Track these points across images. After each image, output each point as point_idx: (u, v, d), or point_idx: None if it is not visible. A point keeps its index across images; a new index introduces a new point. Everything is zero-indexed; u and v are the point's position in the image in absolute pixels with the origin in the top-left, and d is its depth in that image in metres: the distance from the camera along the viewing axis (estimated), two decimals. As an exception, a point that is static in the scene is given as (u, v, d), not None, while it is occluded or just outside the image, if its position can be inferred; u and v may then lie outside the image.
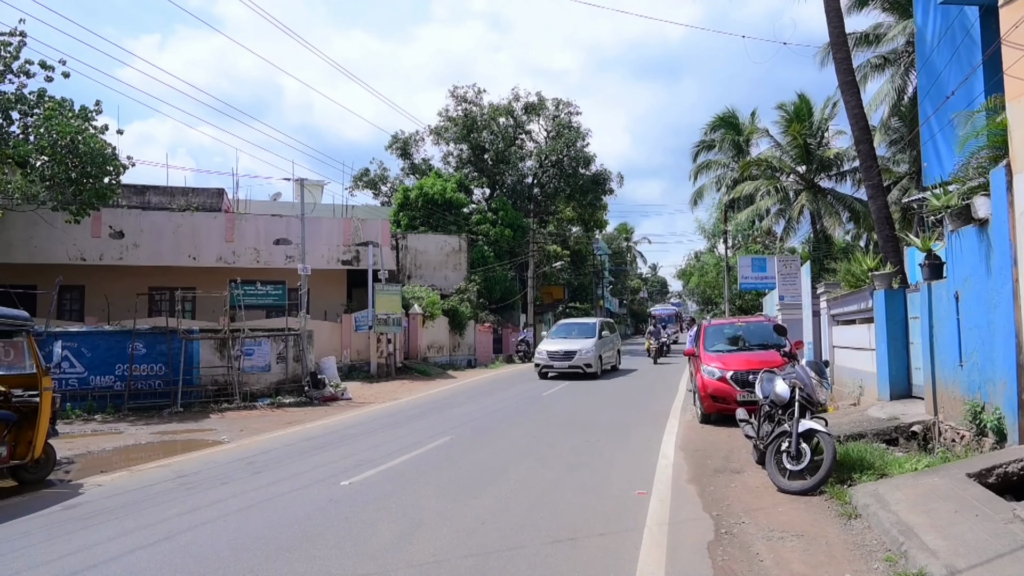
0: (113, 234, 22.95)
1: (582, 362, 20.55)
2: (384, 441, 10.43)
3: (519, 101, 42.65)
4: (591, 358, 20.72)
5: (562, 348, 21.00)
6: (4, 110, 18.04)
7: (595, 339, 21.51)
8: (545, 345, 21.84)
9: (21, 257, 21.53)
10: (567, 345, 21.11)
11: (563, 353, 20.84)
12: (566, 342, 21.44)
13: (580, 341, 21.37)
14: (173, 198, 26.80)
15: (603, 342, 22.07)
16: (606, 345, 22.51)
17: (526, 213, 40.46)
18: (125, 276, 22.82)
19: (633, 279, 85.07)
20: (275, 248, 24.54)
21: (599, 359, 21.26)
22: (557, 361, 20.84)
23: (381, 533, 5.55)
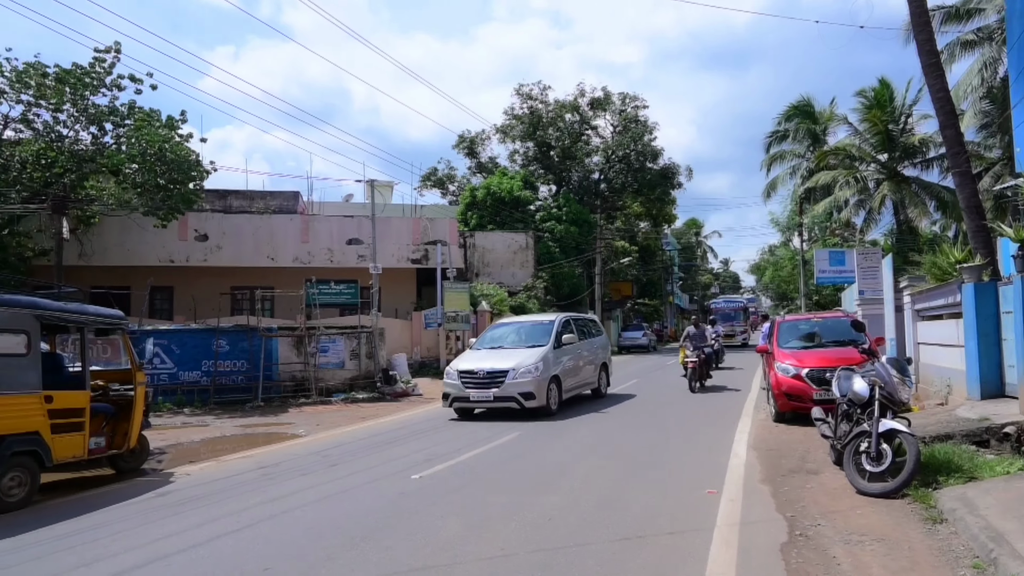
0: (198, 237, 24.15)
1: (516, 390, 12.07)
2: (453, 436, 10.61)
3: (584, 96, 42.40)
4: (533, 382, 12.12)
5: (484, 366, 12.46)
6: (99, 122, 19.27)
7: (545, 349, 12.83)
8: (460, 361, 13.29)
9: (116, 260, 22.94)
10: (493, 361, 12.61)
11: (485, 375, 12.33)
12: (494, 355, 13.07)
13: (518, 353, 12.83)
14: (252, 201, 27.99)
15: (562, 353, 13.33)
16: (570, 357, 13.64)
17: (592, 209, 40.21)
18: (209, 276, 23.98)
19: (704, 274, 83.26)
20: (347, 248, 25.27)
21: (552, 383, 12.53)
22: (476, 388, 12.35)
23: (450, 526, 5.67)
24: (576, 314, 17.43)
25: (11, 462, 6.65)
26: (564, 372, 13.19)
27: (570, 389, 13.55)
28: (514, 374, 12.21)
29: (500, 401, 12.24)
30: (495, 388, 12.21)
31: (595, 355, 15.15)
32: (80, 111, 19.13)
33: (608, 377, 15.79)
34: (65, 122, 19.18)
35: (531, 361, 12.42)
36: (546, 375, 12.42)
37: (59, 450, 7.17)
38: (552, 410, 12.44)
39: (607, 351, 16.05)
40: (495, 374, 12.33)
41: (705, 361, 16.11)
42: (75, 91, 18.68)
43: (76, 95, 18.79)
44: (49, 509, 6.83)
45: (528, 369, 12.28)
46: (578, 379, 14.04)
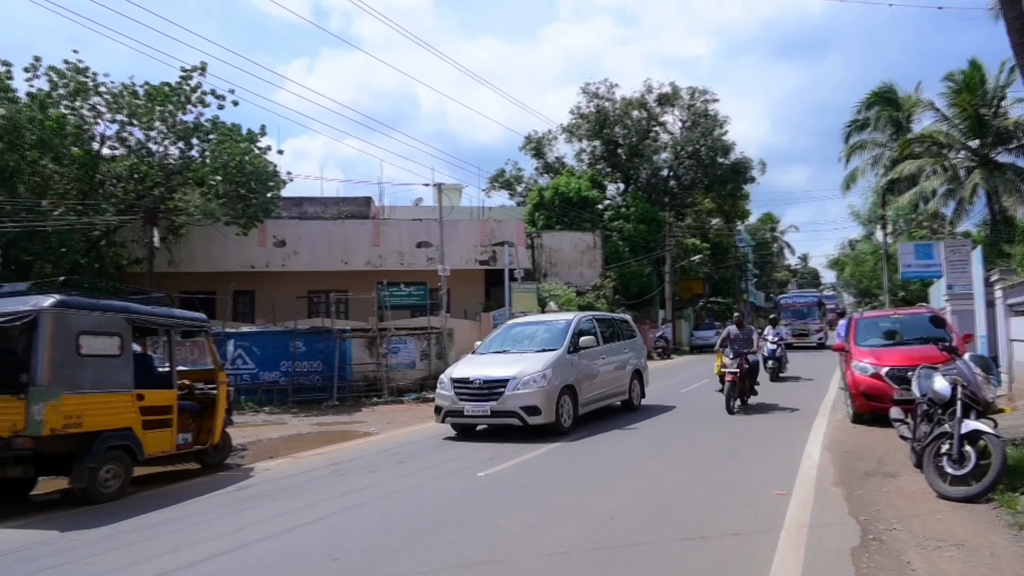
0: (276, 243, 25.20)
1: (517, 403, 9.96)
2: (519, 435, 10.70)
3: (652, 93, 41.82)
4: (539, 393, 10.00)
5: (480, 374, 10.43)
6: (186, 138, 20.45)
7: (556, 353, 10.70)
8: (457, 367, 11.31)
9: (201, 266, 24.20)
10: (493, 368, 10.56)
11: (482, 384, 10.28)
12: (497, 361, 10.93)
13: (524, 358, 10.70)
14: (326, 208, 28.97)
15: (581, 358, 11.16)
16: (591, 363, 11.48)
17: (661, 207, 39.61)
18: (287, 281, 24.97)
19: (780, 271, 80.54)
20: (417, 251, 25.81)
21: (565, 395, 10.45)
22: (471, 401, 10.28)
23: (513, 523, 5.75)
24: (603, 313, 15.66)
25: (107, 456, 7.16)
26: (582, 381, 10.99)
27: (591, 401, 11.36)
28: (515, 384, 10.02)
29: (499, 417, 10.06)
30: (492, 401, 10.02)
31: (625, 361, 12.82)
32: (169, 128, 20.34)
33: (643, 387, 13.44)
34: (155, 138, 20.43)
35: (536, 368, 10.21)
36: (556, 385, 10.22)
37: (150, 445, 7.66)
38: (564, 427, 10.30)
39: (642, 356, 13.76)
40: (493, 384, 10.13)
41: (749, 372, 12.40)
42: (164, 109, 19.87)
43: (165, 113, 19.99)
44: (141, 500, 7.31)
45: (533, 378, 10.05)
46: (602, 390, 11.83)
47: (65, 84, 19.66)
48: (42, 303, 6.84)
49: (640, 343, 14.09)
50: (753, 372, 12.58)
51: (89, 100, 20.02)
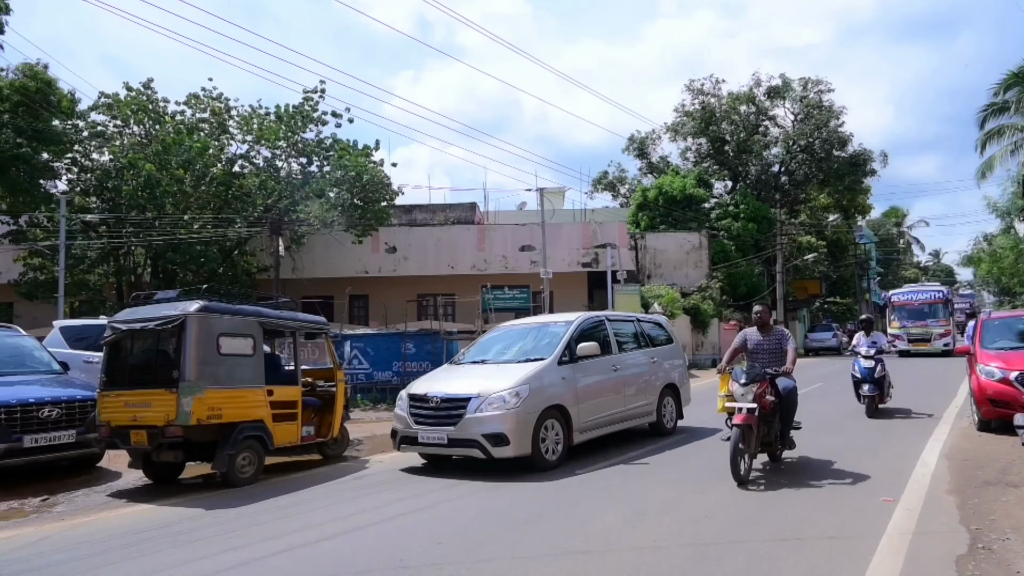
0: (388, 249, 26.54)
1: (479, 430, 7.71)
2: (626, 437, 10.82)
3: (760, 86, 40.40)
4: (505, 417, 7.67)
5: (440, 391, 8.24)
6: (307, 154, 22.09)
7: (541, 365, 8.33)
8: (417, 383, 8.95)
9: (320, 272, 25.89)
10: (456, 383, 8.39)
11: (439, 404, 8.08)
12: (471, 373, 8.75)
13: (502, 371, 8.44)
14: (434, 214, 30.16)
15: (578, 371, 8.69)
16: (596, 377, 9.01)
17: (772, 204, 38.16)
18: (398, 285, 26.24)
19: (908, 268, 75.12)
20: (520, 254, 26.37)
21: (550, 419, 8.10)
22: (426, 425, 8.09)
23: (607, 518, 5.96)
24: (623, 313, 12.31)
25: (243, 444, 7.99)
26: (581, 400, 8.52)
27: (595, 425, 8.83)
28: (477, 404, 7.71)
29: (457, 446, 7.83)
30: (451, 426, 7.77)
31: (652, 372, 10.11)
32: (291, 145, 22.03)
33: (679, 405, 10.73)
34: (280, 156, 22.18)
35: (506, 384, 7.82)
36: (534, 406, 7.80)
37: (278, 436, 8.47)
38: (549, 461, 7.93)
39: (678, 367, 10.98)
40: (453, 404, 7.89)
41: (779, 408, 7.43)
42: (288, 129, 21.55)
43: (289, 132, 21.67)
44: (271, 485, 8.10)
45: (500, 396, 7.70)
46: (614, 410, 9.19)
47: (203, 109, 21.72)
48: (189, 308, 7.75)
49: (678, 350, 11.29)
50: (787, 408, 7.53)
51: (223, 122, 22.02)
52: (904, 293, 31.87)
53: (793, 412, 7.68)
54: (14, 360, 9.65)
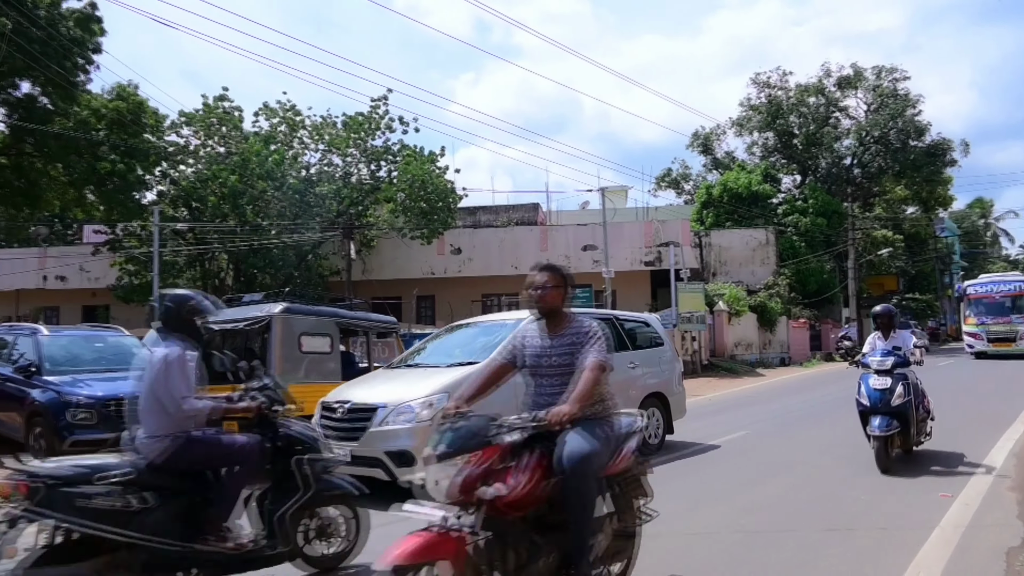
0: (453, 251, 27.27)
1: (383, 445, 6.47)
2: (682, 433, 11.02)
3: (830, 76, 39.27)
4: (413, 433, 6.37)
5: (350, 398, 7.11)
6: (376, 161, 23.05)
7: (470, 370, 6.48)
8: (337, 390, 7.61)
9: (388, 274, 26.85)
10: (371, 390, 7.27)
11: (345, 415, 6.93)
12: (394, 378, 7.66)
13: (420, 377, 7.24)
14: (497, 215, 30.75)
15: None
16: None
17: (844, 197, 37.06)
18: (463, 286, 26.92)
19: (996, 262, 71.15)
20: (583, 254, 26.62)
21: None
22: (334, 440, 6.25)
23: (664, 506, 6.24)
24: (600, 311, 10.87)
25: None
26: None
27: None
28: (383, 415, 6.60)
29: (361, 464, 6.36)
30: (354, 441, 6.62)
31: (630, 380, 8.58)
32: (362, 153, 23.02)
33: (668, 417, 9.31)
34: (351, 163, 23.21)
35: (419, 393, 6.65)
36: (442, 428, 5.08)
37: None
38: None
39: (667, 373, 9.59)
40: (360, 414, 6.82)
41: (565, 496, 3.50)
42: (358, 137, 22.54)
43: (359, 140, 22.66)
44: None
45: (410, 407, 6.56)
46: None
47: (279, 121, 22.95)
48: (274, 310, 8.47)
49: (668, 353, 9.87)
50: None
51: (297, 133, 23.21)
52: (982, 284, 27.41)
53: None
54: (119, 358, 10.63)
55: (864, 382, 7.39)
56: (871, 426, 7.17)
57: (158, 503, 3.72)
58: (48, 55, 19.27)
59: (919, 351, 7.61)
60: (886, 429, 7.04)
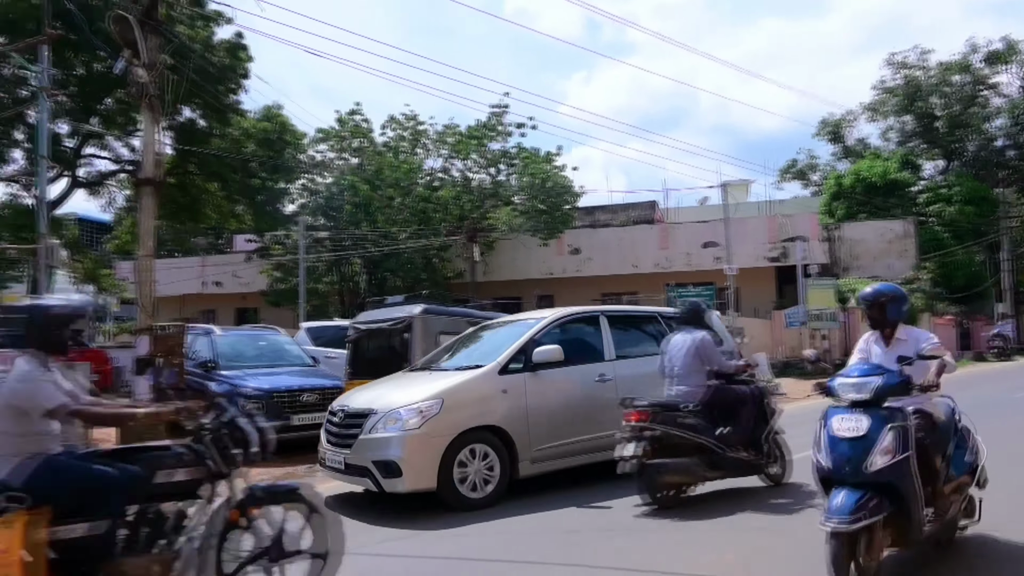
0: (571, 251, 27.66)
1: (371, 454, 6.23)
2: (808, 432, 10.79)
3: (977, 52, 36.11)
4: (399, 442, 6.10)
5: (349, 403, 6.92)
6: (495, 165, 23.88)
7: (471, 375, 6.71)
8: (347, 394, 7.77)
9: (507, 275, 27.65)
10: (372, 395, 6.90)
11: (343, 420, 6.72)
12: (404, 382, 7.20)
13: (424, 382, 6.84)
14: (615, 214, 30.82)
15: (523, 384, 6.70)
16: (554, 392, 6.89)
17: (995, 183, 33.98)
18: (582, 286, 27.24)
19: None
20: (704, 251, 26.19)
21: (476, 444, 6.37)
22: (331, 446, 6.74)
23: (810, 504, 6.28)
24: (638, 309, 9.79)
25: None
26: (534, 420, 6.69)
27: (565, 452, 6.91)
28: (373, 422, 6.32)
29: (352, 473, 6.46)
30: (347, 448, 6.47)
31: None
32: (482, 157, 23.93)
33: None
34: (471, 168, 24.19)
35: (413, 398, 6.37)
36: (443, 428, 6.20)
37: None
38: (469, 499, 6.25)
39: None
40: (354, 420, 6.57)
41: None
42: (477, 143, 23.48)
43: (479, 145, 23.60)
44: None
45: (398, 414, 6.24)
46: (599, 433, 6.86)
47: (403, 132, 24.33)
48: (414, 311, 9.21)
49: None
50: None
51: (420, 142, 24.49)
52: None
53: None
54: (276, 355, 11.87)
55: (826, 424, 4.19)
56: (827, 508, 3.86)
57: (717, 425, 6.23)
58: (204, 83, 21.57)
59: (936, 364, 4.28)
60: (849, 517, 3.71)
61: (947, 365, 4.37)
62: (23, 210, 22.11)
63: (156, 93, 8.21)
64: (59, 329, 3.72)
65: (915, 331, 4.96)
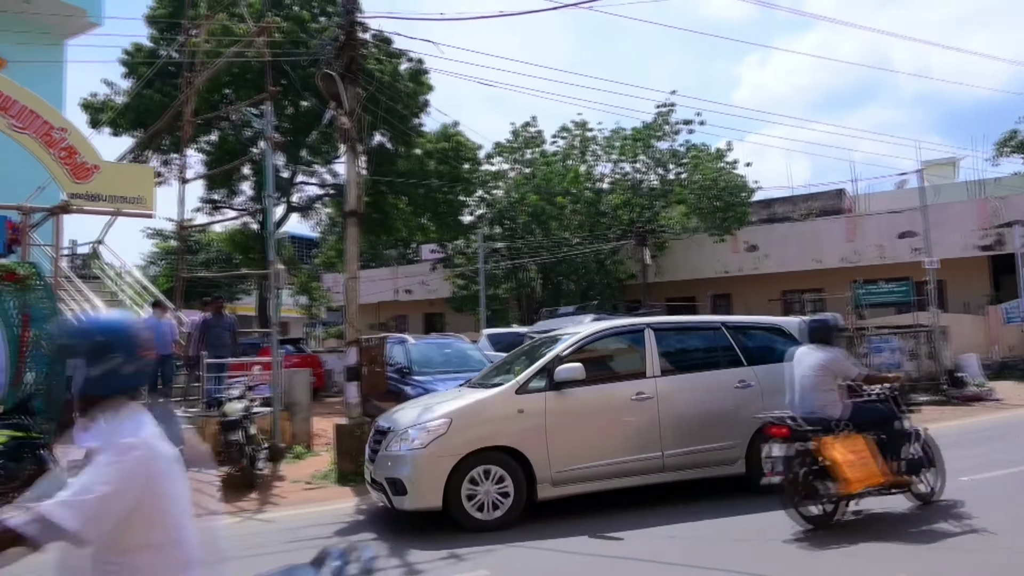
0: (748, 248, 26.67)
1: (384, 472, 6.47)
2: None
3: None
4: (405, 460, 6.30)
5: (381, 422, 7.13)
6: (664, 165, 23.77)
7: (489, 394, 6.75)
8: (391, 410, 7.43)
9: (682, 275, 27.27)
10: (409, 411, 7.00)
11: (374, 436, 7.05)
12: (444, 397, 7.31)
13: (453, 400, 6.86)
14: (795, 206, 29.16)
15: (543, 402, 6.57)
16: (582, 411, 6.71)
17: None
18: (760, 284, 26.17)
19: None
20: (899, 242, 24.03)
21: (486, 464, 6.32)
22: (368, 460, 7.09)
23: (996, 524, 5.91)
24: (700, 319, 9.02)
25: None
26: (554, 440, 6.47)
27: (591, 476, 6.60)
28: (389, 439, 6.53)
29: (374, 489, 6.72)
30: (372, 464, 6.76)
31: (737, 403, 7.10)
32: (650, 158, 23.94)
33: None
34: (640, 170, 24.27)
35: (424, 417, 6.49)
36: (451, 448, 6.22)
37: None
38: (478, 520, 6.18)
39: None
40: (379, 436, 6.83)
41: None
42: (646, 144, 23.53)
43: (645, 146, 23.63)
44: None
45: (407, 432, 6.40)
46: (636, 456, 6.70)
47: (573, 139, 24.99)
48: (583, 322, 9.71)
49: None
50: None
51: (589, 148, 25.01)
52: None
53: None
54: (461, 360, 12.98)
55: None
56: None
57: None
58: (391, 111, 23.69)
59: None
60: None
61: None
62: (251, 234, 25.77)
63: (356, 137, 9.46)
64: None
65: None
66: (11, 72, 14.15)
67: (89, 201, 10.13)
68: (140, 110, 22.31)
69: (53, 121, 10.02)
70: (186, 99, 13.59)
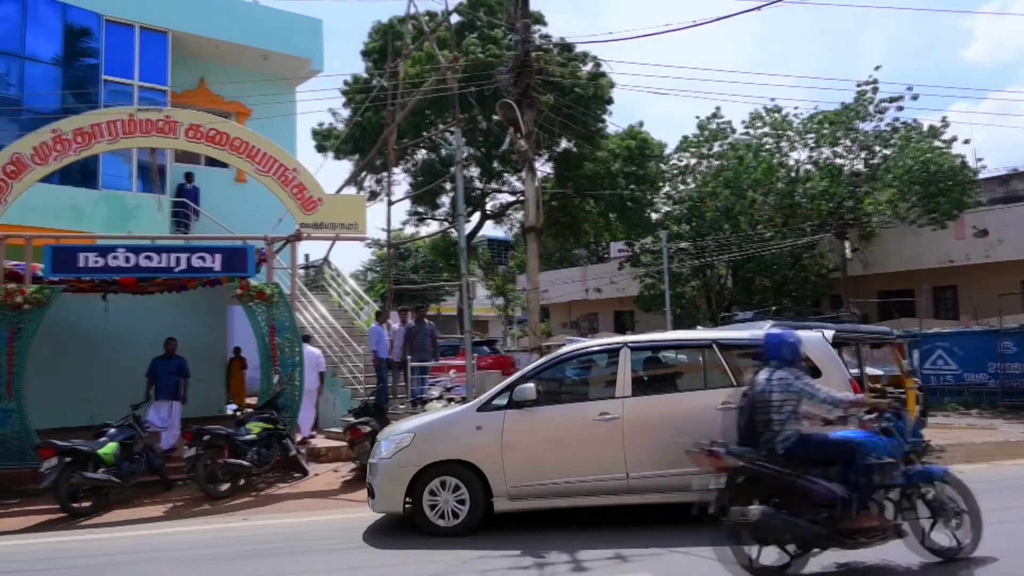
0: (976, 233, 23.57)
1: (369, 475, 7.23)
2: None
3: None
4: (374, 469, 6.99)
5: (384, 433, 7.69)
6: (868, 147, 21.85)
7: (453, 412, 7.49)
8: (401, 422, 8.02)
9: (893, 266, 24.78)
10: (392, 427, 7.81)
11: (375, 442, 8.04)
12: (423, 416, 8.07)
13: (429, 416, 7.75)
14: (1041, 182, 25.18)
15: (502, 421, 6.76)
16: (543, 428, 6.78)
17: None
18: (992, 274, 22.99)
19: None
20: None
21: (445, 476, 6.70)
22: None
23: None
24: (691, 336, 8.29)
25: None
26: (509, 457, 6.65)
27: (550, 493, 6.66)
28: (375, 447, 7.41)
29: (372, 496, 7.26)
30: None
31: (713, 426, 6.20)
32: (852, 141, 22.17)
33: None
34: (841, 154, 22.55)
35: (398, 430, 7.21)
36: (411, 459, 6.74)
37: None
38: (438, 526, 6.64)
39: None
40: None
41: None
42: (847, 125, 21.81)
43: (846, 128, 21.91)
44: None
45: (382, 443, 7.14)
46: (595, 476, 6.63)
47: (764, 126, 23.88)
48: (759, 331, 9.55)
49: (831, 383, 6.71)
50: None
51: (784, 135, 23.73)
52: None
53: None
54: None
55: None
56: None
57: None
58: (574, 116, 24.37)
59: None
60: None
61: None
62: (452, 242, 28.02)
63: (534, 156, 10.21)
64: None
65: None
66: (252, 119, 17.01)
67: (315, 229, 11.94)
68: (356, 137, 25.42)
69: (287, 163, 11.95)
70: (392, 130, 15.39)
